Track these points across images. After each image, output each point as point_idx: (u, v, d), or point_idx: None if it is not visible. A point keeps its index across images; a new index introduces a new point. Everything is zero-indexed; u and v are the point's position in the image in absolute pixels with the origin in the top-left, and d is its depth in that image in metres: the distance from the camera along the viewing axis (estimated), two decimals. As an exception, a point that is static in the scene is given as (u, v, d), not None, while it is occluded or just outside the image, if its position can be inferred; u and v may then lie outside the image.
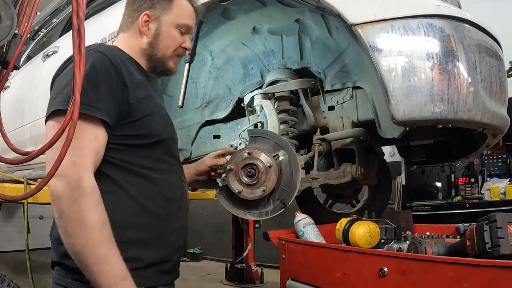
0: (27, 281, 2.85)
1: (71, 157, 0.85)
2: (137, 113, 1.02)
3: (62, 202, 0.86)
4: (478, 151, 1.95)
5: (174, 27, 1.20)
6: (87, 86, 0.91)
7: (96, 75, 0.95)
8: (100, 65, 0.97)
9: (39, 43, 3.92)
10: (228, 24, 1.90)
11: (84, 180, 0.88)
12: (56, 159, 0.79)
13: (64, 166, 0.83)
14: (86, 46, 0.97)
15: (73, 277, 0.94)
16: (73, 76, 0.79)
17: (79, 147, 0.88)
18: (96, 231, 0.86)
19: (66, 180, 0.86)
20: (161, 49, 1.20)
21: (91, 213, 0.86)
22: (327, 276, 1.31)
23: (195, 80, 2.12)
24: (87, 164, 0.90)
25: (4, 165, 3.33)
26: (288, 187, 1.46)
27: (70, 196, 0.85)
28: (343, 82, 1.85)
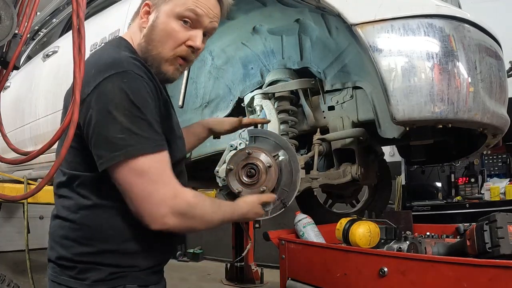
0: (27, 281, 2.85)
1: (170, 192, 0.92)
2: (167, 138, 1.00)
3: (187, 224, 0.96)
4: (478, 151, 1.95)
5: (174, 17, 0.98)
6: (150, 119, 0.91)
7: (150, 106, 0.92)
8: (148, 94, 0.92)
9: (39, 43, 3.92)
10: (228, 24, 1.90)
11: (190, 200, 0.95)
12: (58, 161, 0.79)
13: (171, 205, 0.91)
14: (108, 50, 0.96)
15: (68, 274, 0.95)
16: (73, 76, 0.79)
17: (168, 179, 0.93)
18: (215, 216, 1.04)
19: (179, 213, 0.93)
20: (155, 46, 0.99)
21: (206, 212, 1.01)
22: (327, 276, 1.31)
23: (195, 80, 2.12)
24: (178, 185, 0.95)
25: (4, 165, 3.33)
26: (288, 187, 1.45)
27: (190, 217, 0.96)
28: (343, 82, 1.84)
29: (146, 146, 0.89)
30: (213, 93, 2.17)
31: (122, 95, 0.87)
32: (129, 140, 0.87)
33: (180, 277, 4.93)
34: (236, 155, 1.48)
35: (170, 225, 0.92)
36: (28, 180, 2.83)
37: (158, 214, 0.90)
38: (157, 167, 0.91)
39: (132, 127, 0.88)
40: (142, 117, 0.89)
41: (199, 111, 2.20)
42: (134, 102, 0.88)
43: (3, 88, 0.97)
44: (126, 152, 0.87)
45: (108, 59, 0.92)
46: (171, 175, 0.94)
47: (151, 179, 0.89)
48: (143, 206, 0.90)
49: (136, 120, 0.88)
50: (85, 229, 0.95)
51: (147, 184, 0.89)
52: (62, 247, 0.97)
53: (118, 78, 0.88)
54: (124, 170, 0.89)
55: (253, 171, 1.44)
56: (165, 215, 0.91)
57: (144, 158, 0.89)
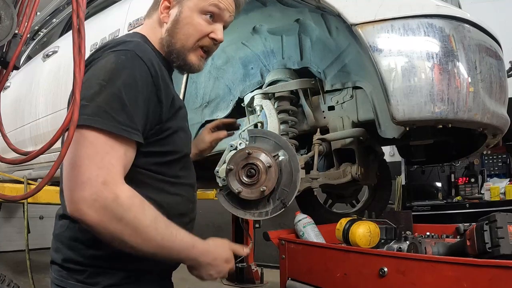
0: (27, 281, 2.85)
1: (100, 176, 0.79)
2: (166, 130, 0.96)
3: (109, 226, 0.80)
4: (478, 151, 1.95)
5: (198, 12, 1.02)
6: (126, 100, 0.84)
7: (136, 88, 0.86)
8: (140, 77, 0.88)
9: (39, 43, 3.92)
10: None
11: (121, 195, 0.81)
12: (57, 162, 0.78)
13: (94, 190, 0.78)
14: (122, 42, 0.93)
15: (77, 279, 0.92)
16: (73, 76, 0.79)
17: (108, 164, 0.82)
18: (153, 232, 0.85)
19: (102, 205, 0.79)
20: (180, 39, 1.02)
21: (141, 221, 0.83)
22: (327, 276, 1.31)
23: (195, 80, 2.12)
24: (118, 178, 0.83)
25: (4, 165, 3.33)
26: (288, 187, 1.45)
27: (114, 218, 0.80)
28: (343, 82, 1.84)
29: (104, 122, 0.81)
30: (213, 93, 2.17)
31: (110, 66, 0.86)
32: (89, 109, 0.81)
33: (180, 277, 4.91)
34: (236, 155, 1.48)
35: (85, 217, 0.79)
36: (28, 180, 2.82)
37: (77, 196, 0.79)
38: (105, 149, 0.82)
39: (99, 98, 0.82)
40: (117, 94, 0.84)
41: (199, 111, 2.20)
42: (117, 77, 0.85)
43: (3, 88, 0.96)
44: (81, 119, 0.78)
45: (118, 41, 0.94)
46: (115, 164, 0.83)
47: (89, 154, 0.80)
48: (67, 179, 0.81)
49: (107, 93, 0.83)
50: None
51: (82, 157, 0.79)
52: (70, 249, 0.93)
53: (118, 54, 0.88)
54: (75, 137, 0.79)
55: (253, 171, 1.44)
56: (82, 200, 0.78)
57: (97, 132, 0.81)
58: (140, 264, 0.93)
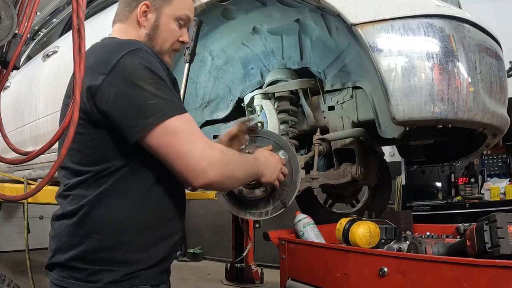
0: (27, 281, 2.85)
1: (205, 144, 0.97)
2: None
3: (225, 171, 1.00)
4: (478, 151, 1.95)
5: (174, 19, 1.15)
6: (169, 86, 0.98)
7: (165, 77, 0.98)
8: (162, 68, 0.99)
9: (39, 43, 3.92)
10: (228, 24, 1.90)
11: (219, 147, 1.01)
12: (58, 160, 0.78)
13: (208, 156, 0.96)
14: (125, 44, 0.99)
15: (77, 277, 0.93)
16: (73, 76, 0.79)
17: (200, 135, 0.99)
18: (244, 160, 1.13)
19: (217, 162, 0.96)
20: (159, 43, 1.14)
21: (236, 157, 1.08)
22: (327, 276, 1.31)
23: (195, 80, 2.12)
24: (209, 140, 1.00)
25: (4, 165, 3.33)
26: (288, 187, 1.45)
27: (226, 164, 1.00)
28: (343, 82, 1.85)
29: (175, 108, 0.95)
30: (213, 93, 2.17)
31: (142, 67, 0.94)
32: (160, 105, 0.93)
33: (180, 277, 4.93)
34: (236, 155, 1.48)
35: (211, 178, 0.96)
36: (28, 180, 2.82)
37: (200, 168, 0.94)
38: (189, 126, 0.97)
39: (159, 93, 0.94)
40: (164, 84, 0.96)
41: (199, 111, 2.20)
42: (154, 72, 0.95)
43: (3, 88, 0.97)
44: (160, 116, 0.92)
45: (119, 42, 1.01)
46: (200, 130, 1.01)
47: (187, 136, 0.95)
48: (185, 163, 0.94)
49: (160, 87, 0.95)
50: (96, 222, 0.94)
51: (185, 141, 0.94)
52: (72, 248, 0.94)
53: (134, 55, 0.95)
54: (159, 134, 0.93)
55: (253, 171, 1.43)
56: (206, 169, 0.95)
57: (175, 119, 0.94)
58: (140, 259, 0.95)
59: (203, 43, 1.96)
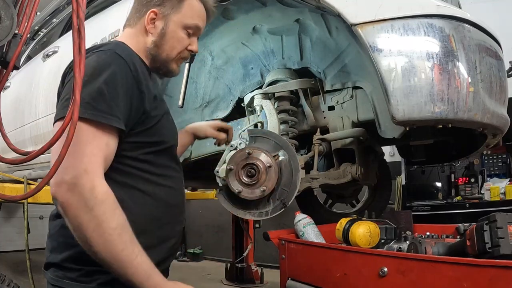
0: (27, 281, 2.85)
1: (81, 163, 0.84)
2: (150, 120, 1.01)
3: (78, 213, 0.83)
4: (478, 151, 1.95)
5: (182, 27, 1.14)
6: (107, 92, 0.90)
7: (115, 81, 0.92)
8: (120, 71, 0.94)
9: (39, 43, 3.92)
10: (228, 24, 1.90)
11: (98, 187, 0.85)
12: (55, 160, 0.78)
13: (75, 175, 0.83)
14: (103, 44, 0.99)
15: (72, 277, 0.93)
16: (73, 76, 0.79)
17: (90, 153, 0.86)
18: (116, 237, 0.85)
19: (78, 190, 0.83)
20: (165, 50, 1.13)
21: (109, 220, 0.85)
22: (327, 276, 1.31)
23: (195, 80, 2.12)
24: (99, 170, 0.88)
25: (4, 165, 3.33)
26: (288, 187, 1.45)
27: (85, 206, 0.83)
28: (343, 82, 1.84)
29: (85, 111, 0.86)
30: (213, 93, 2.17)
31: (92, 64, 0.91)
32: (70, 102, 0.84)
33: (180, 277, 4.91)
34: (236, 155, 1.48)
35: (61, 196, 0.83)
36: (28, 180, 2.83)
37: (59, 178, 0.83)
38: (88, 137, 0.87)
39: (82, 93, 0.83)
40: (98, 86, 0.89)
41: (199, 111, 2.20)
42: (98, 72, 0.91)
43: (3, 88, 0.97)
44: (62, 112, 0.88)
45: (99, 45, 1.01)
46: (97, 154, 0.88)
47: (74, 143, 0.81)
48: (52, 164, 0.82)
49: (88, 86, 0.88)
50: None
51: (67, 145, 0.81)
52: (67, 248, 0.94)
53: (98, 54, 0.95)
54: (57, 126, 0.89)
55: (253, 171, 1.44)
56: (64, 183, 0.83)
57: (80, 121, 0.83)
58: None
59: (203, 43, 1.96)
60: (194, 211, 6.28)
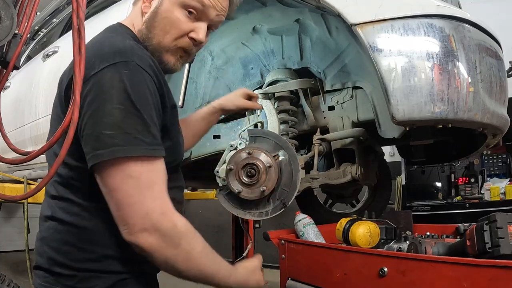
0: (27, 281, 2.85)
1: (157, 207, 0.82)
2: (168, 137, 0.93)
3: (165, 252, 0.83)
4: (478, 151, 1.95)
5: (179, 5, 0.92)
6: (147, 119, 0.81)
7: (148, 103, 0.83)
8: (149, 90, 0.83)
9: (39, 43, 3.92)
10: (228, 24, 1.89)
11: (177, 222, 0.85)
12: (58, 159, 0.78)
13: (154, 222, 0.81)
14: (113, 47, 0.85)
15: (66, 284, 0.88)
16: (73, 76, 0.79)
17: (159, 192, 0.83)
18: (203, 258, 0.90)
19: (160, 233, 0.82)
20: (157, 34, 0.93)
21: (195, 246, 0.88)
22: (327, 276, 1.31)
23: (195, 80, 2.12)
24: (171, 205, 0.85)
25: (4, 165, 3.33)
26: (288, 187, 1.45)
27: (172, 244, 0.83)
28: (343, 82, 1.85)
29: (137, 148, 0.80)
30: (213, 93, 2.17)
31: (120, 85, 0.80)
32: (118, 139, 0.78)
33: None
34: (236, 155, 1.48)
35: (145, 243, 0.81)
36: (28, 180, 2.83)
37: (137, 226, 0.81)
38: (148, 176, 0.82)
39: (123, 124, 0.79)
40: (138, 115, 0.80)
41: (199, 111, 2.20)
42: (131, 96, 0.80)
43: (3, 88, 0.97)
44: (112, 152, 0.78)
45: (111, 48, 0.85)
46: (163, 189, 0.85)
47: (139, 187, 0.80)
48: (124, 214, 0.81)
49: (130, 117, 0.79)
50: (87, 232, 0.89)
51: (133, 192, 0.80)
52: (59, 253, 0.89)
53: (120, 68, 0.81)
54: (109, 171, 0.80)
55: (253, 171, 1.43)
56: (144, 229, 0.80)
57: (133, 161, 0.80)
58: (131, 267, 0.91)
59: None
60: (194, 211, 6.28)
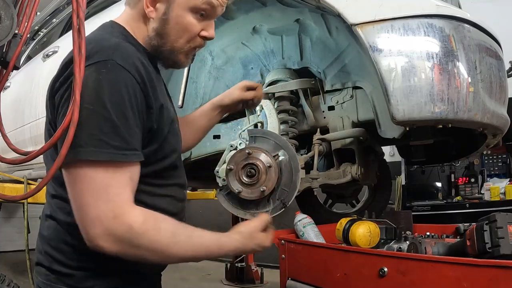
0: (27, 281, 2.85)
1: (109, 211, 0.78)
2: (157, 137, 0.91)
3: (128, 253, 0.81)
4: (478, 151, 1.95)
5: (189, 10, 0.93)
6: (118, 122, 0.79)
7: (124, 105, 0.80)
8: (126, 89, 0.81)
9: (39, 43, 3.92)
10: (228, 24, 1.90)
11: (134, 225, 0.80)
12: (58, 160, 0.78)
13: (106, 226, 0.78)
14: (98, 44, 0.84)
15: (66, 283, 0.88)
16: (73, 76, 0.79)
17: (114, 196, 0.80)
18: (175, 247, 0.85)
19: (115, 238, 0.79)
20: (170, 41, 0.95)
21: (158, 242, 0.83)
22: (327, 276, 1.31)
23: (195, 80, 2.12)
24: (126, 206, 0.81)
25: (4, 165, 3.33)
26: (288, 187, 1.45)
27: (131, 246, 0.80)
28: (343, 82, 1.85)
29: (98, 151, 0.78)
30: (213, 93, 2.16)
31: (93, 85, 0.79)
32: (82, 140, 0.77)
33: (180, 277, 4.92)
34: (236, 155, 1.48)
35: (105, 249, 0.79)
36: (28, 180, 2.83)
37: (91, 233, 0.79)
38: (104, 179, 0.79)
39: (89, 125, 0.77)
40: (107, 116, 0.78)
41: (199, 111, 2.20)
42: (103, 97, 0.78)
43: (3, 88, 0.97)
44: (74, 153, 0.77)
45: (95, 47, 0.84)
46: (122, 193, 0.81)
47: (92, 190, 0.78)
48: (78, 218, 0.80)
49: (97, 118, 0.78)
50: None
51: (86, 195, 0.78)
52: (59, 252, 0.90)
53: (98, 67, 0.80)
54: (70, 171, 0.80)
55: (253, 171, 1.44)
56: (97, 237, 0.78)
57: (93, 164, 0.78)
58: (131, 266, 0.90)
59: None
60: (194, 211, 6.27)
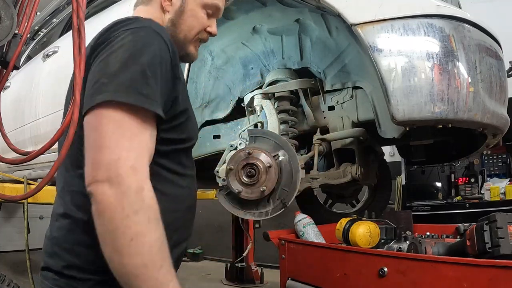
0: (27, 281, 2.85)
1: (128, 159, 0.71)
2: (181, 114, 0.91)
3: (117, 216, 0.69)
4: (478, 151, 1.95)
5: (201, 6, 1.07)
6: (149, 74, 0.78)
7: (158, 65, 0.81)
8: (160, 53, 0.82)
9: (39, 43, 3.92)
10: (228, 24, 1.90)
11: (146, 190, 0.73)
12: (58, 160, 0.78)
13: (120, 171, 0.70)
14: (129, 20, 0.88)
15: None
16: (73, 76, 0.79)
17: (138, 148, 0.74)
18: (157, 251, 0.72)
19: (122, 189, 0.70)
20: (183, 30, 1.06)
21: (152, 230, 0.72)
22: (327, 276, 1.31)
23: (195, 80, 2.12)
24: (147, 169, 0.75)
25: (4, 165, 3.33)
26: (288, 187, 1.45)
27: (127, 209, 0.69)
28: (343, 82, 1.85)
29: (129, 96, 0.75)
30: (213, 93, 2.17)
31: (130, 43, 0.81)
32: (112, 86, 0.75)
33: (180, 277, 4.89)
34: (236, 155, 1.49)
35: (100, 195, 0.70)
36: (28, 180, 2.82)
37: (99, 175, 0.71)
38: (131, 126, 0.75)
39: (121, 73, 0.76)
40: (139, 69, 0.78)
41: (199, 111, 2.20)
42: (138, 52, 0.79)
43: (3, 88, 0.97)
44: (103, 96, 0.74)
45: (131, 19, 0.89)
46: (145, 152, 0.76)
47: (118, 132, 0.73)
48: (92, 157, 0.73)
49: (130, 68, 0.77)
50: None
51: (110, 135, 0.72)
52: (73, 255, 0.84)
53: (135, 30, 0.83)
54: (95, 114, 0.75)
55: (253, 171, 1.44)
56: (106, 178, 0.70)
57: (121, 107, 0.74)
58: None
59: (203, 43, 1.96)
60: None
